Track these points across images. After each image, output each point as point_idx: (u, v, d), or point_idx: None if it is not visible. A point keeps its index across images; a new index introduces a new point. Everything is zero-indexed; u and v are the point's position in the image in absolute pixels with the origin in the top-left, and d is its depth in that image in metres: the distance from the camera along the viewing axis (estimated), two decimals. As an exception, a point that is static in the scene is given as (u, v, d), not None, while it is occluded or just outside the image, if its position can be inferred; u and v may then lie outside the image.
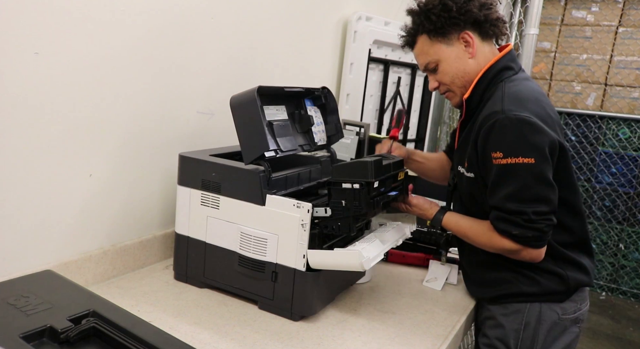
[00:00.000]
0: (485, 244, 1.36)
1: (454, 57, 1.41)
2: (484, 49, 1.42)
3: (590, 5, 4.20)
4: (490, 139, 1.28)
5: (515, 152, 1.25)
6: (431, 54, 1.43)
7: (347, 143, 1.97)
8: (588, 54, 4.21)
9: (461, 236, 1.43)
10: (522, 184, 1.26)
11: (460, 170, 1.44)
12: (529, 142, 1.25)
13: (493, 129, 1.28)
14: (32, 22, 1.14)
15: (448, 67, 1.42)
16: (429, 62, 1.44)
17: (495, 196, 1.30)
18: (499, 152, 1.26)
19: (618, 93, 4.15)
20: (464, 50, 1.40)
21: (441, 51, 1.41)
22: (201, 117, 1.63)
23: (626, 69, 4.11)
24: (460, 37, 1.40)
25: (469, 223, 1.41)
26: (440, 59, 1.42)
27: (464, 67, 1.41)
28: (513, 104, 1.29)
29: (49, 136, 1.22)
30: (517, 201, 1.26)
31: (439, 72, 1.44)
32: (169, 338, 0.91)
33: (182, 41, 1.51)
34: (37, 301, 0.94)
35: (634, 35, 4.08)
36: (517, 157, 1.25)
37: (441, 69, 1.43)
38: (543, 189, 1.27)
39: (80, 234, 1.35)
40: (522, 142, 1.25)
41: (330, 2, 2.16)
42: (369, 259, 1.24)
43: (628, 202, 4.19)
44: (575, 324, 1.42)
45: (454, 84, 1.43)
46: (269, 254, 1.28)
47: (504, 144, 1.26)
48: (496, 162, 1.27)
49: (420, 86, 2.86)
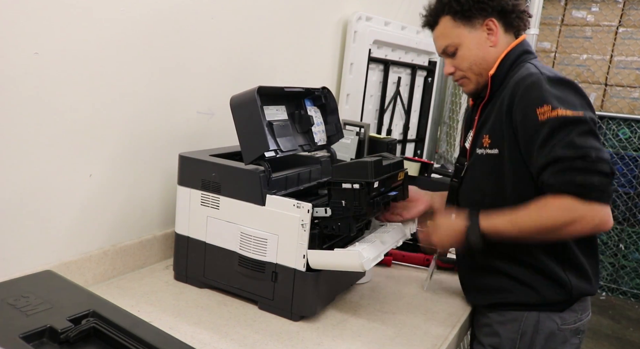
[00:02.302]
0: (543, 224, 1.20)
1: (475, 43, 1.36)
2: (504, 40, 1.37)
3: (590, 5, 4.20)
4: (532, 96, 1.22)
5: (565, 104, 1.18)
6: (452, 37, 1.37)
7: (347, 143, 1.97)
8: (588, 54, 4.21)
9: (511, 228, 1.24)
10: (578, 133, 1.17)
11: (479, 152, 1.36)
12: (575, 98, 1.20)
13: (534, 86, 1.22)
14: (32, 22, 1.14)
15: (468, 53, 1.36)
16: (449, 46, 1.38)
17: (547, 152, 1.19)
18: (546, 106, 1.19)
19: (618, 93, 4.15)
20: (486, 38, 1.36)
21: (463, 35, 1.36)
22: (201, 117, 1.63)
23: (626, 69, 4.11)
24: (485, 23, 1.35)
25: (510, 212, 1.24)
26: (460, 44, 1.37)
27: (484, 54, 1.36)
28: (549, 72, 1.26)
29: (49, 136, 1.22)
30: (575, 148, 1.16)
31: (457, 57, 1.38)
32: (169, 338, 0.91)
33: (182, 41, 1.51)
34: (37, 301, 0.94)
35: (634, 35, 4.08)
36: (567, 110, 1.18)
37: (460, 53, 1.37)
38: (597, 142, 1.18)
39: (80, 234, 1.35)
40: (568, 97, 1.20)
41: (330, 2, 2.16)
42: (369, 260, 1.24)
43: (628, 203, 4.19)
44: (575, 335, 1.36)
45: (471, 71, 1.38)
46: (269, 254, 1.28)
47: (550, 97, 1.20)
48: (543, 117, 1.19)
49: (420, 86, 2.86)
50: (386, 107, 2.62)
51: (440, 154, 3.32)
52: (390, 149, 2.00)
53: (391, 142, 2.02)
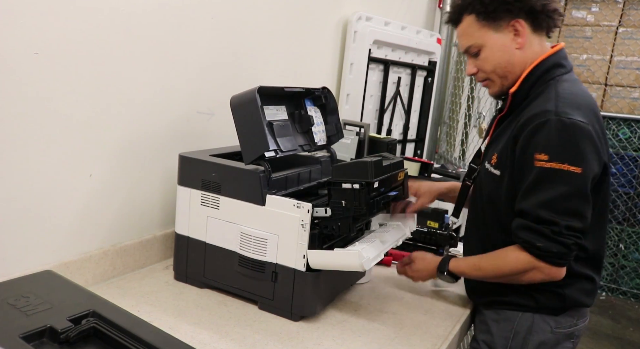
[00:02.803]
0: (500, 271, 1.28)
1: (499, 45, 1.29)
2: (533, 40, 1.30)
3: (590, 5, 4.20)
4: (537, 139, 1.19)
5: (563, 157, 1.16)
6: (475, 38, 1.31)
7: (347, 143, 1.97)
8: (588, 54, 4.21)
9: (474, 271, 1.34)
10: (561, 193, 1.16)
11: (486, 166, 1.36)
12: (580, 150, 1.16)
13: (542, 129, 1.18)
14: (32, 22, 1.14)
15: (491, 55, 1.31)
16: (472, 46, 1.33)
17: (527, 201, 1.21)
18: (544, 155, 1.17)
19: (618, 93, 4.15)
20: (511, 39, 1.29)
21: (487, 36, 1.30)
22: (201, 117, 1.63)
23: (626, 69, 4.11)
24: (511, 24, 1.28)
25: (477, 256, 1.34)
26: (484, 45, 1.31)
27: (509, 57, 1.30)
28: (568, 106, 1.20)
29: (49, 136, 1.22)
30: (550, 210, 1.17)
31: (480, 58, 1.33)
32: (169, 338, 0.91)
33: (183, 41, 1.51)
34: (37, 301, 0.94)
35: (634, 35, 4.08)
36: (563, 164, 1.16)
37: (484, 55, 1.32)
38: (582, 203, 1.18)
39: (80, 234, 1.35)
40: (572, 149, 1.16)
41: (330, 2, 2.16)
42: (369, 260, 1.24)
43: (628, 203, 4.19)
44: (569, 339, 1.35)
45: (495, 74, 1.33)
46: (269, 254, 1.28)
47: (552, 147, 1.17)
48: (538, 164, 1.18)
49: (420, 86, 2.86)
50: (386, 107, 2.62)
51: (440, 154, 3.32)
52: (390, 149, 2.00)
53: (391, 142, 2.02)
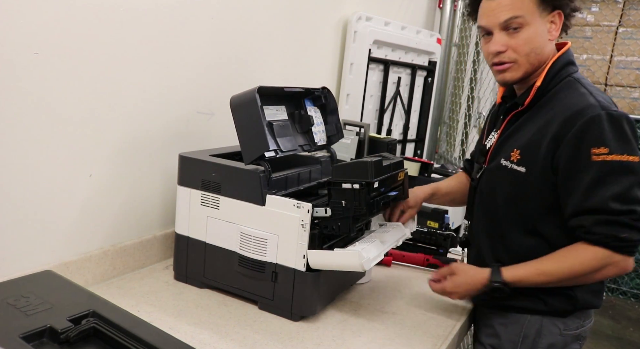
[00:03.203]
0: (573, 271, 1.21)
1: (541, 30, 1.25)
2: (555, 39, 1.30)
3: (590, 5, 4.20)
4: (591, 134, 1.18)
5: (623, 149, 1.17)
6: (526, 11, 1.22)
7: (347, 143, 1.97)
8: (588, 54, 4.21)
9: (538, 277, 1.24)
10: (630, 183, 1.17)
11: (503, 163, 1.30)
12: (632, 141, 1.19)
13: (594, 123, 1.18)
14: (32, 22, 1.14)
15: (534, 37, 1.24)
16: (517, 18, 1.22)
17: (594, 197, 1.18)
18: (604, 148, 1.16)
19: (618, 93, 4.15)
20: (547, 29, 1.26)
21: (535, 15, 1.23)
22: (201, 117, 1.63)
23: (626, 69, 4.11)
24: (552, 15, 1.26)
25: (536, 261, 1.25)
26: (530, 23, 1.23)
27: (543, 46, 1.26)
28: (607, 100, 1.23)
29: (49, 135, 1.22)
30: (624, 201, 1.16)
31: (518, 36, 1.24)
32: (169, 338, 0.91)
33: (183, 41, 1.51)
34: (37, 301, 0.94)
35: (634, 35, 4.08)
36: (623, 155, 1.17)
37: (526, 35, 1.23)
38: None
39: (80, 234, 1.35)
40: (627, 140, 1.18)
41: (330, 2, 2.16)
42: (369, 260, 1.24)
43: (628, 203, 4.19)
44: (576, 340, 1.35)
45: (528, 58, 1.25)
46: (269, 254, 1.28)
47: (610, 140, 1.17)
48: (599, 158, 1.17)
49: (420, 86, 2.86)
50: (386, 107, 2.62)
51: (440, 154, 3.32)
52: (390, 149, 2.00)
53: (391, 142, 2.03)
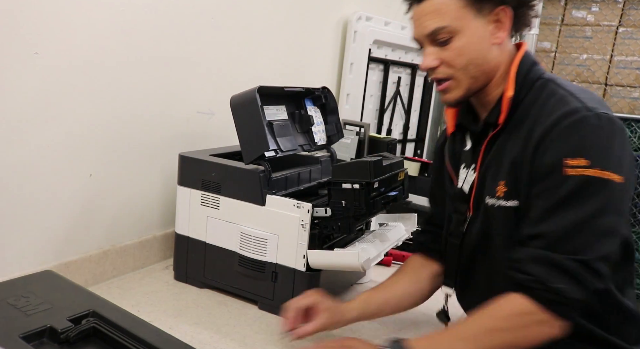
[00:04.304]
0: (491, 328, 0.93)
1: (479, 35, 0.99)
2: (507, 40, 1.04)
3: (590, 5, 4.20)
4: (569, 141, 0.92)
5: (607, 163, 0.90)
6: (451, 19, 0.98)
7: (347, 143, 1.97)
8: (588, 54, 4.21)
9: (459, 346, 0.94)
10: (600, 208, 0.90)
11: (490, 203, 1.03)
12: (621, 155, 0.92)
13: (574, 128, 0.92)
14: (32, 22, 1.14)
15: (468, 46, 0.99)
16: (443, 29, 0.98)
17: (551, 220, 0.92)
18: (583, 160, 0.90)
19: (618, 93, 4.15)
20: (490, 32, 1.00)
21: (466, 20, 0.98)
22: (201, 117, 1.63)
23: (626, 69, 4.10)
24: (495, 12, 0.99)
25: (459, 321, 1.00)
26: (461, 31, 0.98)
27: (486, 53, 1.00)
28: (594, 101, 0.95)
29: (48, 135, 1.22)
30: (585, 233, 0.90)
31: (450, 48, 1.00)
32: (169, 338, 0.91)
33: (182, 41, 1.51)
34: (37, 301, 0.94)
35: (634, 35, 4.07)
36: (605, 170, 0.90)
37: (458, 45, 0.99)
38: (618, 220, 0.92)
39: (80, 234, 1.35)
40: (614, 152, 0.92)
41: (330, 2, 2.15)
42: (369, 260, 1.24)
43: (628, 203, 4.19)
44: None
45: (466, 72, 1.01)
46: (269, 254, 1.28)
47: (594, 149, 0.91)
48: (574, 172, 0.90)
49: (420, 86, 2.86)
50: (386, 107, 2.62)
51: (440, 154, 3.32)
52: (390, 149, 2.00)
53: (391, 142, 2.03)
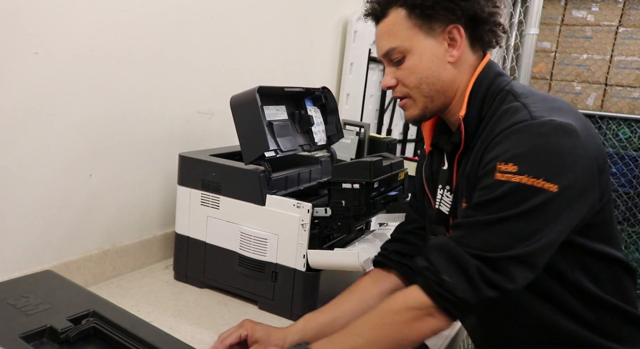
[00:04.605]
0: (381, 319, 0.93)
1: (430, 53, 1.01)
2: (469, 58, 1.04)
3: (590, 5, 4.20)
4: (503, 146, 0.90)
5: (539, 171, 0.86)
6: (402, 39, 1.01)
7: (347, 143, 1.97)
8: (588, 54, 4.21)
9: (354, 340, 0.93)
10: (522, 213, 0.87)
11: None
12: (563, 161, 0.87)
13: (512, 134, 0.90)
14: (32, 22, 1.14)
15: (419, 65, 1.02)
16: (395, 49, 1.02)
17: (470, 217, 0.91)
18: (512, 165, 0.87)
19: (618, 93, 4.15)
20: (445, 50, 1.01)
21: (416, 40, 1.01)
22: (201, 117, 1.63)
23: (626, 69, 4.10)
24: (447, 31, 1.00)
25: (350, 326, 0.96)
26: (411, 50, 1.01)
27: (440, 71, 1.02)
28: (545, 110, 0.91)
29: (49, 135, 1.22)
30: (498, 233, 0.88)
31: (403, 68, 1.03)
32: (169, 338, 0.91)
33: (182, 41, 1.51)
34: (37, 301, 0.94)
35: (634, 35, 4.08)
36: (537, 178, 0.86)
37: (409, 64, 1.02)
38: (543, 229, 0.88)
39: (80, 234, 1.35)
40: (552, 159, 0.87)
41: (330, 2, 2.15)
42: (369, 260, 1.24)
43: (628, 202, 4.19)
44: None
45: (419, 91, 1.03)
46: (269, 254, 1.28)
47: (526, 156, 0.87)
48: (502, 177, 0.88)
49: (420, 86, 2.86)
50: (386, 107, 2.62)
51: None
52: (390, 149, 2.00)
53: (391, 142, 2.02)
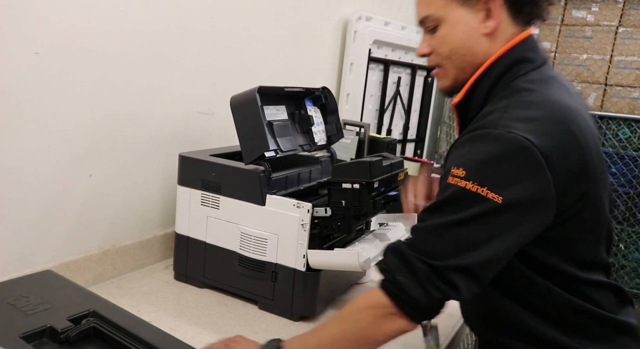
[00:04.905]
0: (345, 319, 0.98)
1: (464, 24, 0.99)
2: (508, 31, 1.00)
3: (590, 5, 4.20)
4: (459, 151, 0.93)
5: (485, 180, 0.87)
6: (436, 7, 1.00)
7: (347, 143, 1.97)
8: (588, 54, 4.21)
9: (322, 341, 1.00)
10: (465, 220, 0.87)
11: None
12: (510, 175, 0.87)
13: (470, 141, 0.92)
14: (32, 22, 1.14)
15: (452, 35, 1.00)
16: (429, 17, 1.01)
17: (422, 221, 0.92)
18: (462, 170, 0.88)
19: (618, 93, 4.15)
20: (480, 22, 0.98)
21: (451, 8, 0.99)
22: (201, 117, 1.63)
23: (626, 69, 4.10)
24: (484, 1, 0.98)
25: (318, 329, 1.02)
26: (444, 19, 1.00)
27: (473, 44, 0.99)
28: (517, 119, 0.90)
29: (48, 135, 1.22)
30: (443, 239, 0.89)
31: (436, 36, 1.01)
32: (169, 338, 0.91)
33: (182, 41, 1.51)
34: (37, 301, 0.94)
35: (634, 35, 4.08)
36: (482, 186, 0.86)
37: (442, 33, 1.01)
38: (485, 238, 0.88)
39: (80, 234, 1.35)
40: (501, 172, 0.87)
41: (330, 2, 2.15)
42: (369, 260, 1.24)
43: (628, 202, 4.19)
44: None
45: (450, 61, 1.02)
46: (269, 254, 1.28)
47: (474, 162, 0.89)
48: (452, 180, 0.89)
49: (420, 86, 2.86)
50: (386, 107, 2.62)
51: (440, 154, 3.32)
52: (390, 149, 2.00)
53: (391, 142, 2.03)
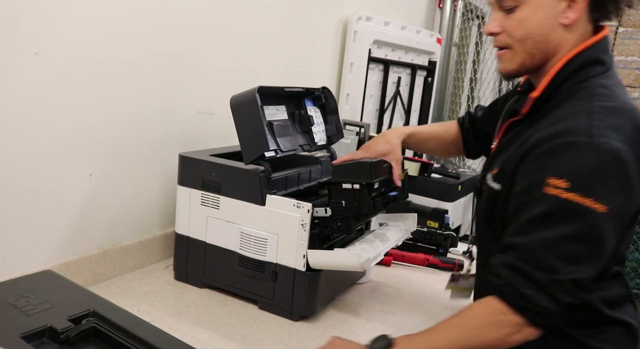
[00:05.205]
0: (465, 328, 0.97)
1: (546, 10, 0.98)
2: (582, 26, 1.00)
3: (590, 5, 4.20)
4: (556, 160, 0.91)
5: (590, 189, 0.87)
6: None
7: (347, 143, 1.97)
8: (588, 54, 4.21)
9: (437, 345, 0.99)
10: (576, 236, 0.89)
11: (487, 179, 1.10)
12: (614, 185, 0.88)
13: (566, 150, 0.90)
14: (32, 22, 1.14)
15: (531, 19, 0.99)
16: None
17: (525, 235, 0.92)
18: (565, 181, 0.88)
19: (618, 93, 4.15)
20: (561, 11, 0.98)
21: None
22: (201, 117, 1.63)
23: (626, 69, 4.10)
24: None
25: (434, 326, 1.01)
26: (527, 2, 0.99)
27: (550, 31, 0.99)
28: (607, 126, 0.90)
29: (49, 135, 1.22)
30: (553, 255, 0.89)
31: (513, 17, 1.00)
32: (169, 338, 0.91)
33: (182, 41, 1.51)
34: (37, 301, 0.94)
35: (634, 35, 4.08)
36: (589, 197, 0.87)
37: (520, 15, 0.99)
38: (598, 252, 0.91)
39: (80, 234, 1.35)
40: (604, 180, 0.88)
41: (330, 2, 2.15)
42: (369, 260, 1.24)
43: (628, 203, 4.19)
44: None
45: (523, 45, 1.01)
46: (269, 254, 1.28)
47: (578, 173, 0.88)
48: (552, 192, 0.89)
49: (420, 86, 2.86)
50: (386, 107, 2.62)
51: (440, 154, 3.32)
52: (390, 149, 2.00)
53: (391, 142, 2.02)
